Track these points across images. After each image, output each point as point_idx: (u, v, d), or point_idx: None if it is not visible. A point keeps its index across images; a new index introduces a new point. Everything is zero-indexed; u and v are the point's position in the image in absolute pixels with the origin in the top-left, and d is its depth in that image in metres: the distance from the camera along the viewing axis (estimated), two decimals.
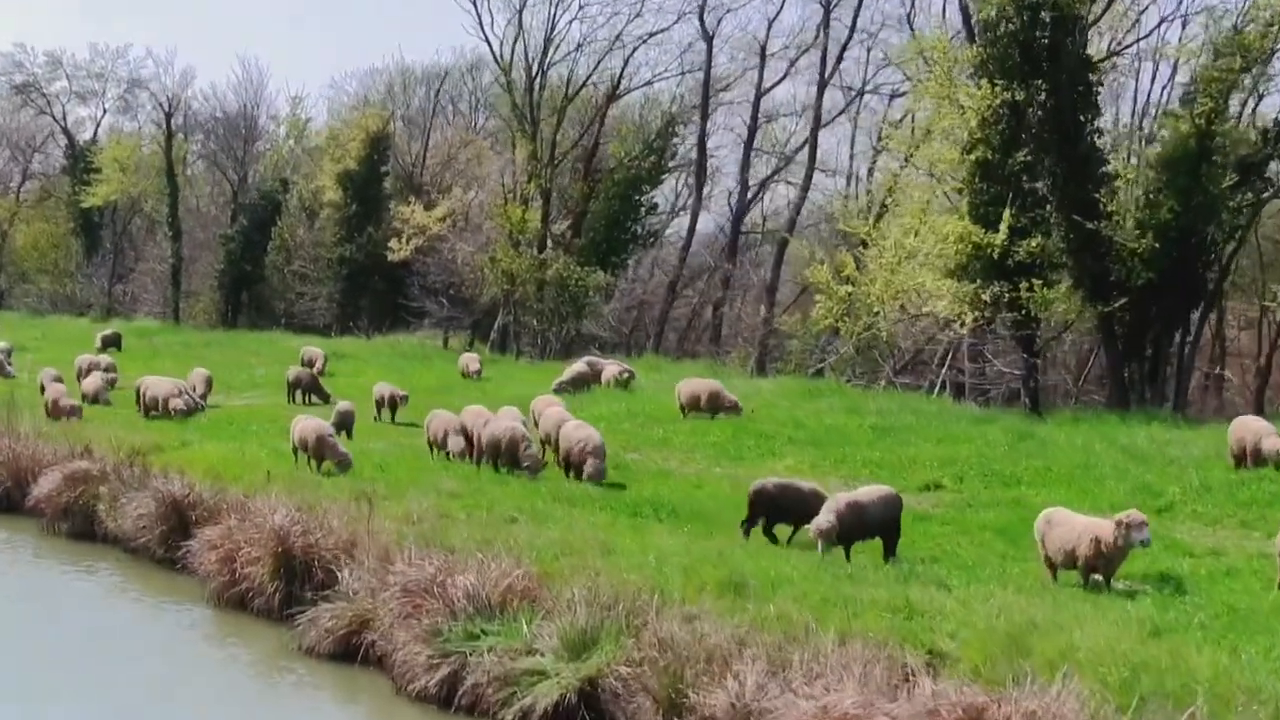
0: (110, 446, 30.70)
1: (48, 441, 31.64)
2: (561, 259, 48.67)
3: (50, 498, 28.29)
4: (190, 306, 70.75)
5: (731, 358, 42.96)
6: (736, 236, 49.17)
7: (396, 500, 23.10)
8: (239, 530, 22.29)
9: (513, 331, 50.90)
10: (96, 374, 41.09)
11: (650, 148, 50.52)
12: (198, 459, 28.13)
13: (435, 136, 66.85)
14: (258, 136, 75.44)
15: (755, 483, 20.34)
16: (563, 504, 22.60)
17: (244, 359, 53.49)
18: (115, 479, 27.33)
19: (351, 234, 61.41)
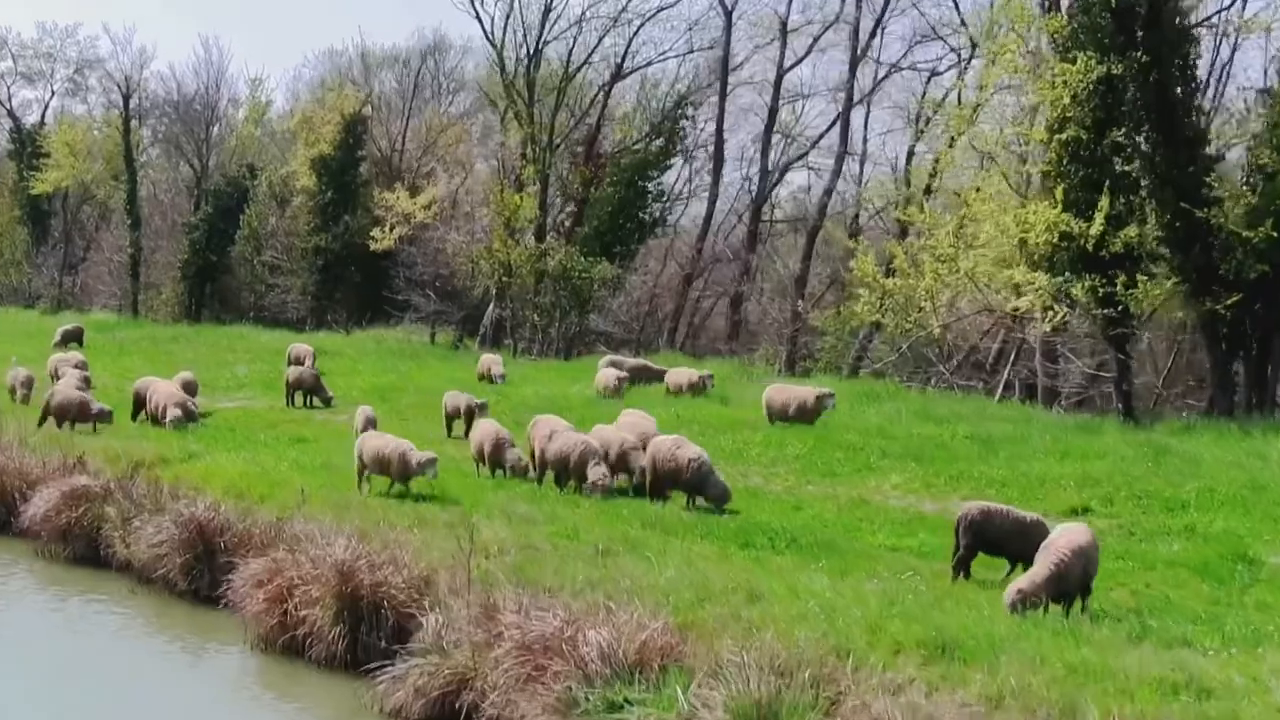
0: (106, 458, 27.72)
1: (33, 452, 28.52)
2: (563, 249, 45.84)
3: (47, 518, 25.23)
4: (150, 299, 67.13)
5: (757, 356, 40.40)
6: (756, 225, 46.47)
7: (461, 526, 20.34)
8: (289, 564, 19.44)
9: (509, 327, 48.05)
10: (72, 375, 37.79)
11: (657, 130, 47.67)
12: (214, 474, 25.19)
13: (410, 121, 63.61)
14: (217, 120, 71.79)
15: (963, 508, 17.43)
16: (655, 531, 19.99)
17: (219, 356, 50.25)
18: (123, 498, 24.32)
19: (327, 222, 58.21)
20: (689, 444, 21.09)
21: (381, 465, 22.90)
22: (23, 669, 19.18)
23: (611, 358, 36.95)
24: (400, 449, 22.92)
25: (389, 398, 36.46)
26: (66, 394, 31.70)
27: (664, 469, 21.05)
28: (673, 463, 20.89)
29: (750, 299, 46.54)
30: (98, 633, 21.45)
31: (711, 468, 20.80)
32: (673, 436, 21.69)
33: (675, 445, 21.00)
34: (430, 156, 60.12)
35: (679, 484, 21.25)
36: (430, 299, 51.57)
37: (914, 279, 33.63)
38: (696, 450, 20.93)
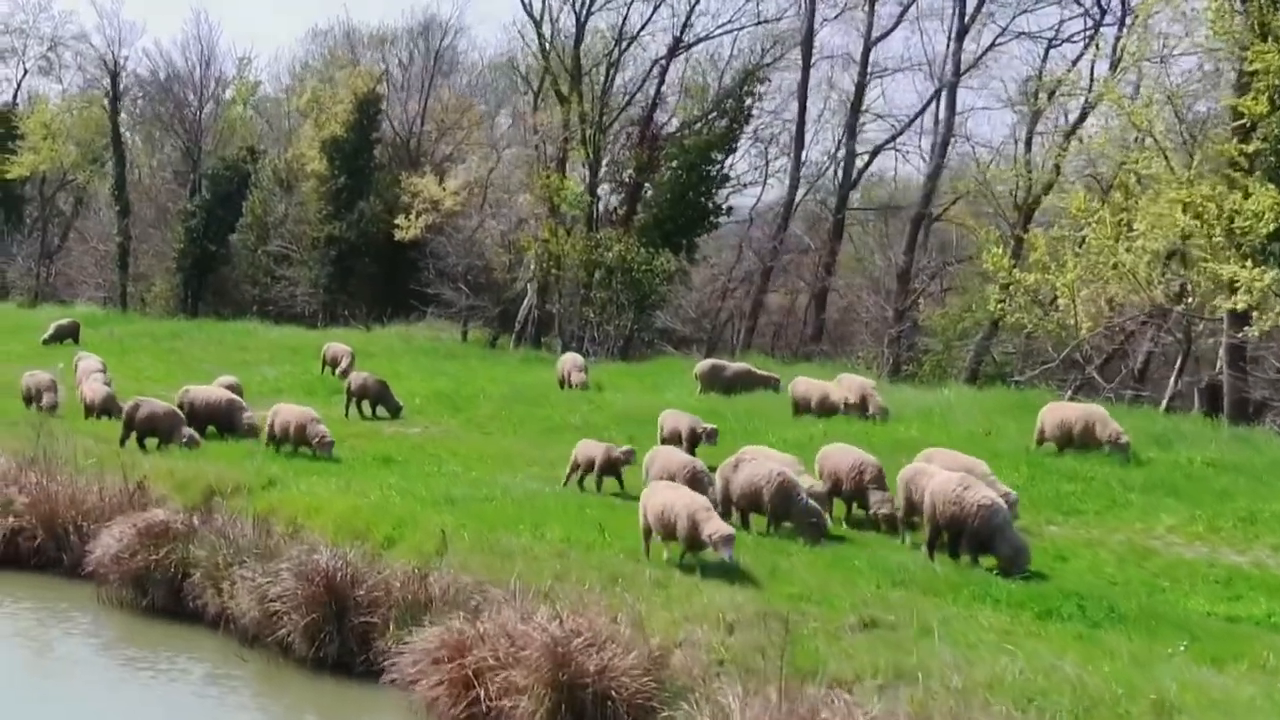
0: (174, 485, 23.75)
1: (84, 474, 24.49)
2: (623, 239, 41.99)
3: (119, 560, 21.23)
4: (140, 291, 62.60)
5: (858, 358, 36.80)
6: (842, 213, 42.66)
7: (674, 586, 16.66)
8: (472, 637, 15.64)
9: (558, 324, 44.17)
10: (95, 378, 33.67)
11: (721, 109, 43.80)
12: (319, 508, 21.25)
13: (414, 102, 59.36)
14: (208, 100, 67.21)
15: None
16: (910, 590, 16.38)
17: (231, 355, 46.17)
18: (218, 539, 20.36)
19: (340, 210, 53.98)
20: (977, 482, 17.24)
21: (667, 528, 17.42)
22: None
23: (712, 362, 33.19)
24: (691, 509, 17.12)
25: (461, 407, 32.68)
26: (153, 405, 27.52)
27: (945, 514, 17.24)
28: (956, 506, 17.04)
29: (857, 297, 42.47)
30: (206, 710, 17.55)
31: (1008, 517, 16.97)
32: (955, 474, 17.73)
33: (961, 485, 17.10)
34: (449, 140, 55.97)
35: (961, 536, 17.33)
36: (464, 293, 47.54)
37: (1054, 273, 30.12)
38: (986, 493, 17.03)
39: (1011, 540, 16.69)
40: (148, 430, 27.04)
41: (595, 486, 22.67)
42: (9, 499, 23.94)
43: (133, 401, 27.69)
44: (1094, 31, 37.63)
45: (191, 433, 26.85)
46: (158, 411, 27.15)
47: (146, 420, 26.97)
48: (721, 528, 16.42)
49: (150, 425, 26.98)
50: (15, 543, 23.59)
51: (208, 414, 27.63)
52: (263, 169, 58.26)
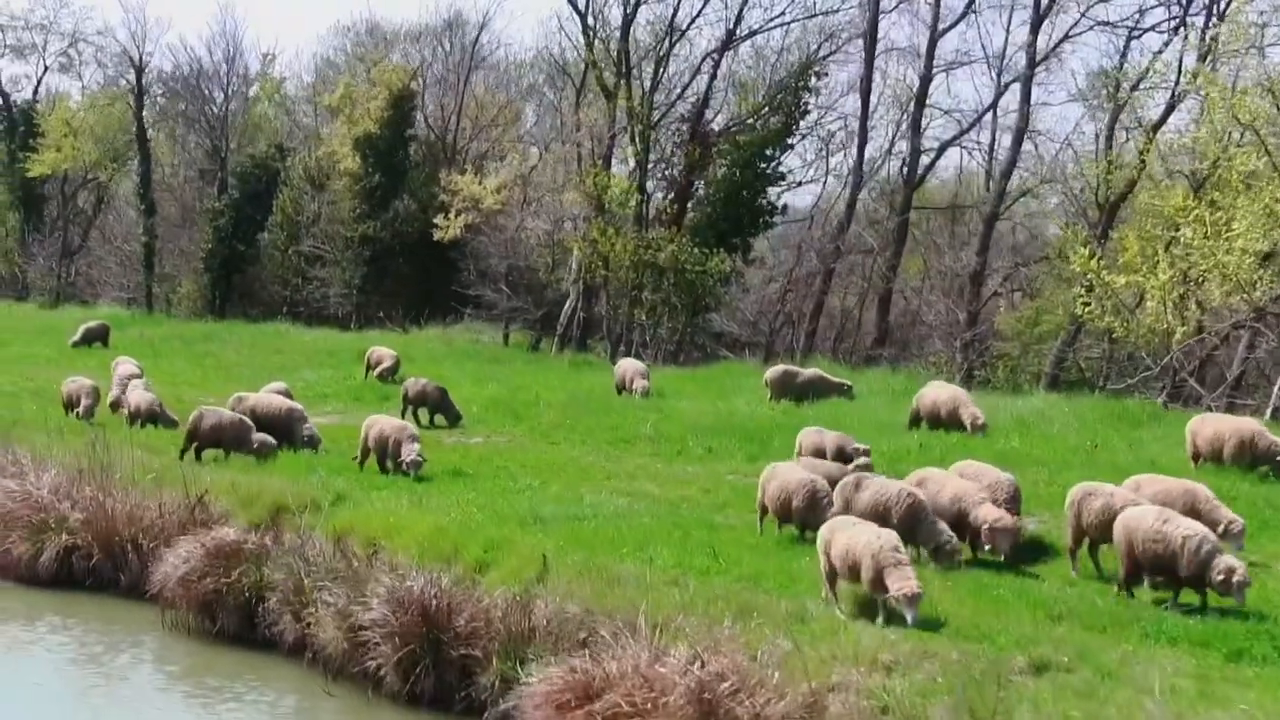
0: (238, 501, 22.34)
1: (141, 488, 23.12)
2: (676, 239, 40.53)
3: (186, 583, 19.85)
4: (165, 292, 61.16)
5: (929, 363, 35.31)
6: (907, 213, 41.13)
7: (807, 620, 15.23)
8: (601, 678, 14.23)
9: (605, 326, 42.74)
10: (136, 383, 32.27)
11: (776, 105, 42.31)
12: (398, 527, 19.80)
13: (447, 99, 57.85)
14: (233, 97, 65.74)
15: None
16: (1071, 625, 14.95)
17: (266, 359, 44.82)
18: (297, 561, 18.95)
19: (374, 209, 52.54)
20: (1178, 516, 15.57)
21: (851, 572, 15.30)
22: None
23: (784, 368, 31.73)
24: (877, 554, 14.78)
25: (521, 415, 31.23)
26: (219, 414, 25.98)
27: (1146, 552, 15.44)
28: (1160, 543, 15.22)
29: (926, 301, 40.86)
30: None
31: (1216, 547, 15.24)
32: (1152, 507, 15.92)
33: (1160, 519, 15.38)
34: (485, 137, 54.56)
35: (1168, 575, 15.46)
36: (504, 294, 46.12)
37: (1145, 275, 28.67)
38: (1192, 525, 15.31)
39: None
40: (214, 442, 25.57)
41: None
42: (63, 515, 22.64)
43: (197, 411, 26.08)
44: (1180, 20, 36.08)
45: (264, 438, 25.26)
46: (224, 421, 25.63)
47: (212, 432, 25.48)
48: (909, 585, 14.45)
49: (217, 437, 25.53)
50: (69, 561, 22.35)
51: (267, 424, 26.16)
52: (293, 167, 56.82)
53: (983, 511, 16.90)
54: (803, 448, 22.26)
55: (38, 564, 22.31)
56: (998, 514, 16.73)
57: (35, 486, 23.27)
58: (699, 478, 24.05)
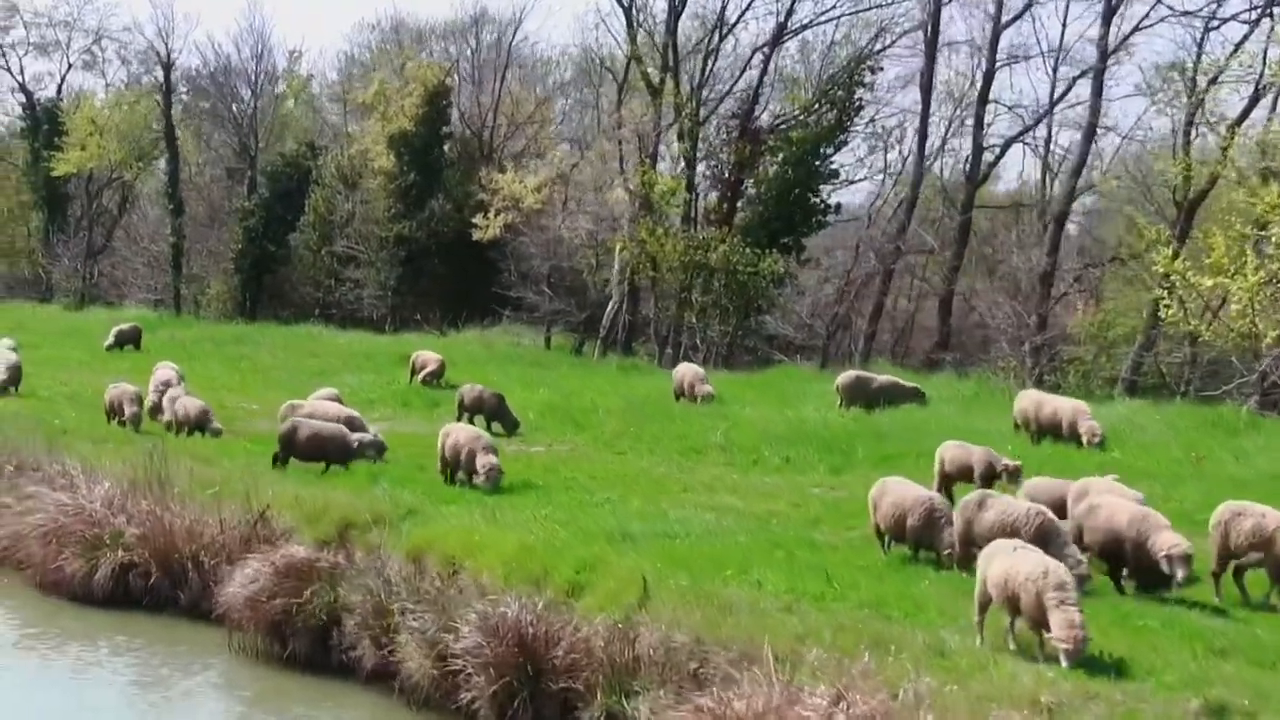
0: (303, 516, 21.19)
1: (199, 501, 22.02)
2: (727, 239, 39.36)
3: (254, 604, 18.73)
4: (193, 294, 60.08)
5: (998, 367, 34.05)
6: (970, 211, 39.85)
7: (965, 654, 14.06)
8: (734, 718, 13.07)
9: (653, 330, 41.60)
10: (177, 389, 31.21)
11: (829, 100, 41.07)
12: (480, 545, 18.65)
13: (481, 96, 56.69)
14: (261, 95, 64.71)
15: None
16: (1236, 661, 13.78)
17: (302, 362, 43.82)
18: (376, 581, 17.82)
19: (409, 208, 51.44)
20: None
21: (1011, 602, 13.80)
22: None
23: (857, 373, 30.56)
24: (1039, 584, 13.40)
25: (581, 423, 30.12)
26: (321, 425, 24.61)
27: None
28: None
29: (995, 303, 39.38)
30: None
31: None
32: None
33: None
34: (521, 135, 53.44)
35: None
36: (546, 296, 44.98)
37: (1230, 276, 27.43)
38: None
39: None
40: (314, 455, 24.14)
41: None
42: (118, 530, 21.52)
43: (289, 422, 24.70)
44: (1264, 10, 34.61)
45: (372, 437, 23.98)
46: (323, 431, 24.20)
47: (311, 443, 24.05)
48: (1073, 635, 12.97)
49: (318, 448, 24.07)
50: (125, 579, 21.23)
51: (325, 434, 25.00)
52: (325, 165, 55.70)
53: (1162, 539, 15.47)
54: (945, 463, 20.74)
55: (92, 581, 21.22)
56: (1174, 539, 15.44)
57: (88, 500, 22.17)
58: (781, 490, 22.97)
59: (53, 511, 22.16)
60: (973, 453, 20.70)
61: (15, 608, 21.75)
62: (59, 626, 20.91)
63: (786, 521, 20.60)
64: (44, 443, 26.47)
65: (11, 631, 20.89)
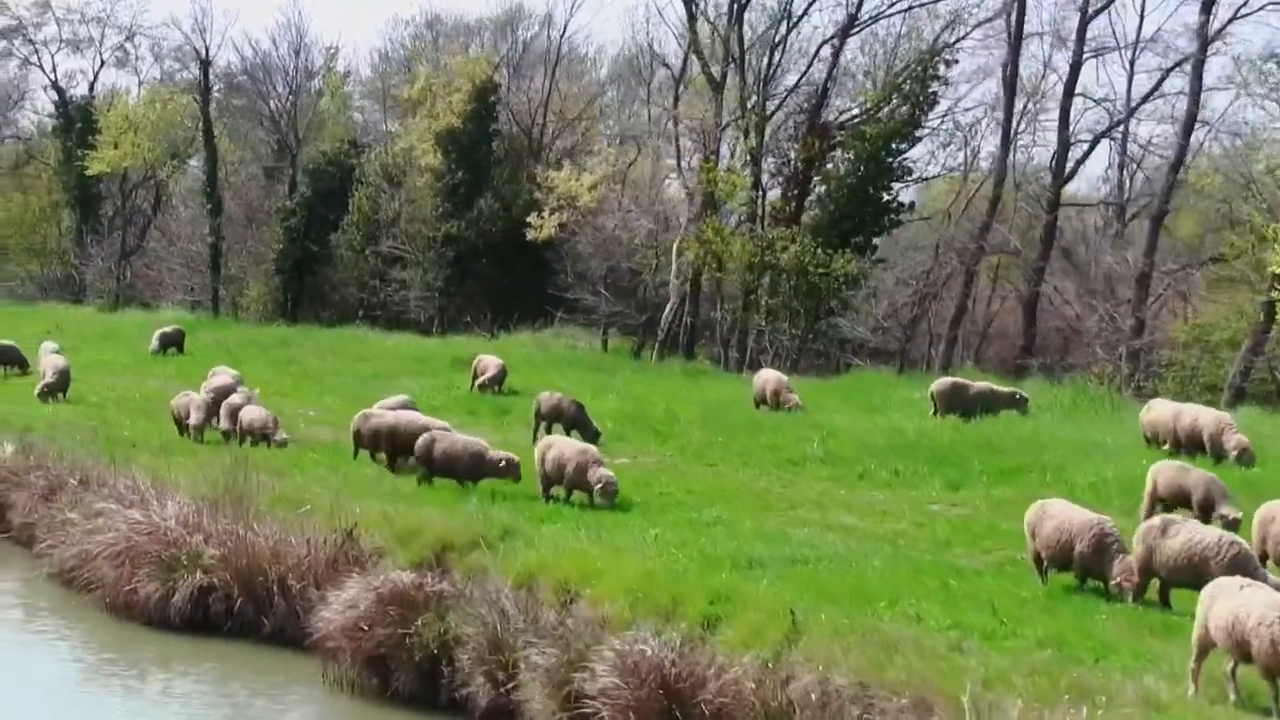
0: (391, 535, 19.79)
1: (278, 518, 20.66)
2: (798, 238, 37.87)
3: (354, 633, 17.35)
4: (231, 295, 58.74)
5: (1093, 373, 32.49)
6: (1055, 210, 38.21)
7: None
8: None
9: (720, 334, 40.17)
10: (240, 395, 29.91)
11: (902, 94, 39.53)
12: (596, 571, 17.18)
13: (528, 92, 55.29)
14: (299, 92, 63.35)
15: None
16: None
17: (352, 366, 42.56)
18: (490, 613, 16.42)
19: (457, 207, 50.05)
20: None
21: (1240, 646, 12.31)
22: None
23: (953, 380, 29.09)
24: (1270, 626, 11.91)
25: (663, 432, 28.72)
26: (451, 440, 22.85)
27: None
28: None
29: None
30: None
31: None
32: None
33: None
34: (571, 132, 52.04)
35: None
36: (603, 297, 43.57)
37: None
38: None
39: None
40: (447, 471, 22.47)
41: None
42: (196, 550, 20.16)
43: (427, 436, 22.89)
44: None
45: (508, 456, 22.10)
46: (457, 447, 22.50)
47: (446, 460, 22.37)
48: None
49: (449, 466, 22.43)
50: (205, 603, 19.93)
51: (406, 445, 23.63)
52: (368, 163, 54.28)
53: None
54: (1159, 486, 18.71)
55: (169, 605, 19.90)
56: None
57: (162, 517, 20.83)
58: (896, 507, 21.55)
59: (125, 530, 20.88)
60: (1191, 476, 18.65)
61: (89, 632, 20.52)
62: (136, 653, 19.68)
63: (914, 543, 19.19)
64: (106, 454, 25.22)
65: (89, 656, 19.70)
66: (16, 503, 25.29)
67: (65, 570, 22.10)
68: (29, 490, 24.68)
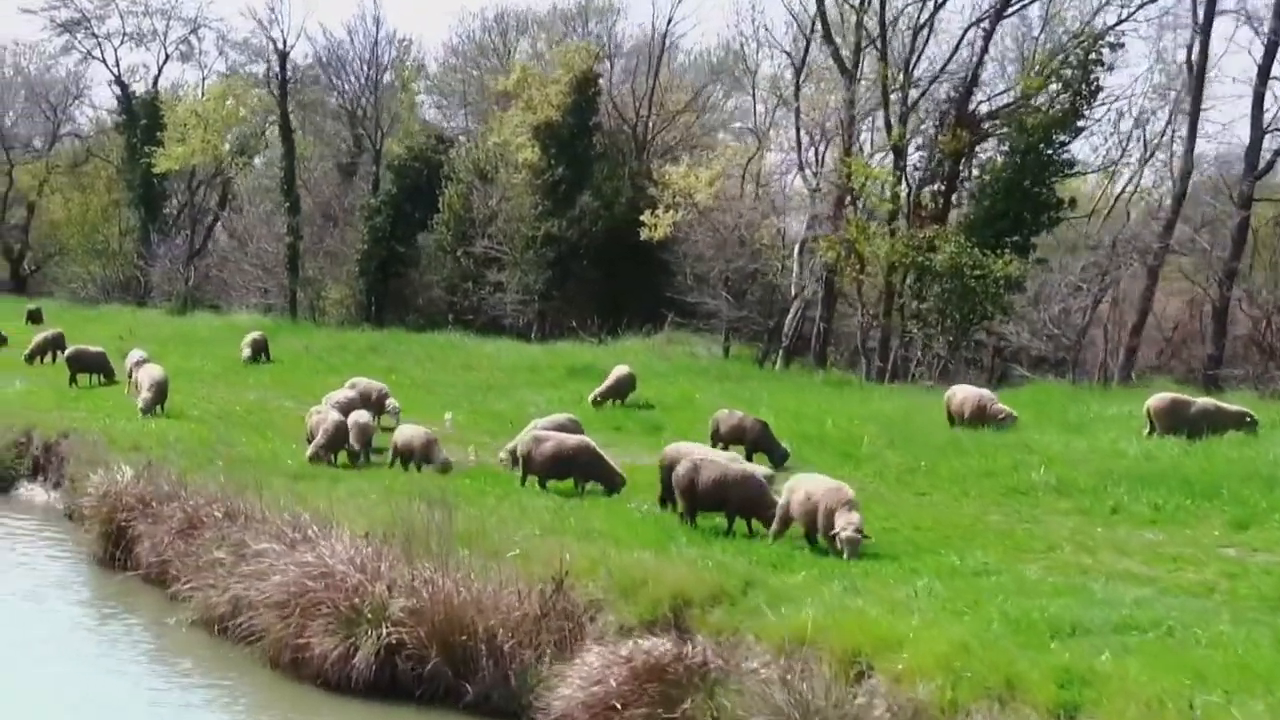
0: (611, 586, 16.91)
1: (469, 562, 17.83)
2: (953, 238, 34.90)
3: (601, 713, 14.48)
4: (309, 298, 56.10)
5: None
6: (1249, 207, 34.85)
7: None
8: None
9: (860, 342, 37.25)
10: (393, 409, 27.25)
11: (1063, 81, 36.45)
12: (894, 639, 14.28)
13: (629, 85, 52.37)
14: (376, 88, 60.72)
15: None
16: None
17: (457, 376, 40.00)
18: (784, 693, 13.54)
19: (558, 204, 47.24)
20: None
21: None
22: None
23: (1173, 397, 26.05)
24: None
25: (850, 454, 25.82)
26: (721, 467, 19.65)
27: None
28: None
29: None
30: None
31: None
32: None
33: None
34: (674, 126, 49.20)
35: None
36: (725, 300, 40.68)
37: None
38: None
39: None
40: (718, 504, 19.41)
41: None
42: (380, 601, 17.30)
43: (688, 463, 19.63)
44: None
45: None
46: (729, 476, 19.25)
47: (717, 488, 19.25)
48: None
49: (722, 496, 19.38)
50: (392, 662, 17.05)
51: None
52: (458, 159, 51.50)
53: None
54: None
55: (349, 665, 17.05)
56: None
57: (337, 560, 18.01)
58: (1180, 550, 18.54)
59: (294, 574, 18.04)
60: None
61: (256, 692, 17.78)
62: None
63: (1239, 600, 16.17)
64: (243, 480, 22.51)
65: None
66: (144, 535, 22.62)
67: (215, 617, 19.42)
68: (164, 523, 21.93)
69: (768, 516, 19.05)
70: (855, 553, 17.53)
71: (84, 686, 17.64)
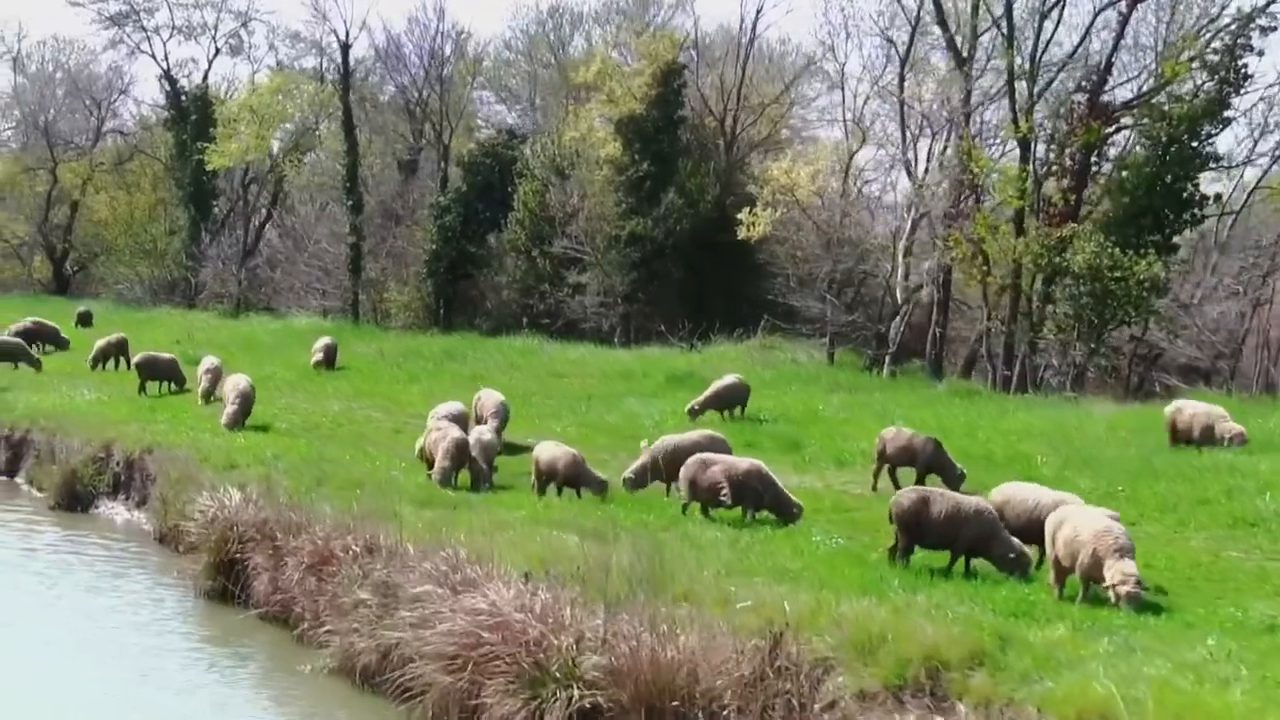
0: (845, 644, 14.50)
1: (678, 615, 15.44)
2: (1093, 237, 32.42)
3: None
4: (372, 300, 53.77)
5: None
6: None
7: None
8: None
9: (987, 348, 34.79)
10: (487, 428, 24.89)
11: (1208, 68, 33.83)
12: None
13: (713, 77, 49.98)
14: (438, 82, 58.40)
15: None
16: None
17: (547, 384, 37.60)
18: None
19: (642, 202, 44.85)
20: None
21: None
22: None
23: None
24: None
25: (1031, 478, 23.16)
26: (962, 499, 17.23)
27: None
28: None
29: None
30: None
31: None
32: None
33: None
34: (765, 119, 46.80)
35: None
36: (830, 304, 38.25)
37: None
38: None
39: None
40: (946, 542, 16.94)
41: None
42: (569, 658, 14.95)
43: (911, 494, 17.21)
44: None
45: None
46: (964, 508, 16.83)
47: (945, 523, 16.66)
48: None
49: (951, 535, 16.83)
50: None
51: None
52: (532, 155, 49.09)
53: None
54: None
55: None
56: None
57: (513, 608, 15.65)
58: None
59: (464, 624, 15.69)
60: None
61: None
62: None
63: None
64: (371, 508, 20.22)
65: None
66: (261, 568, 20.38)
67: (359, 667, 17.15)
68: (287, 556, 19.65)
69: (997, 556, 16.66)
70: (1134, 607, 15.07)
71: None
